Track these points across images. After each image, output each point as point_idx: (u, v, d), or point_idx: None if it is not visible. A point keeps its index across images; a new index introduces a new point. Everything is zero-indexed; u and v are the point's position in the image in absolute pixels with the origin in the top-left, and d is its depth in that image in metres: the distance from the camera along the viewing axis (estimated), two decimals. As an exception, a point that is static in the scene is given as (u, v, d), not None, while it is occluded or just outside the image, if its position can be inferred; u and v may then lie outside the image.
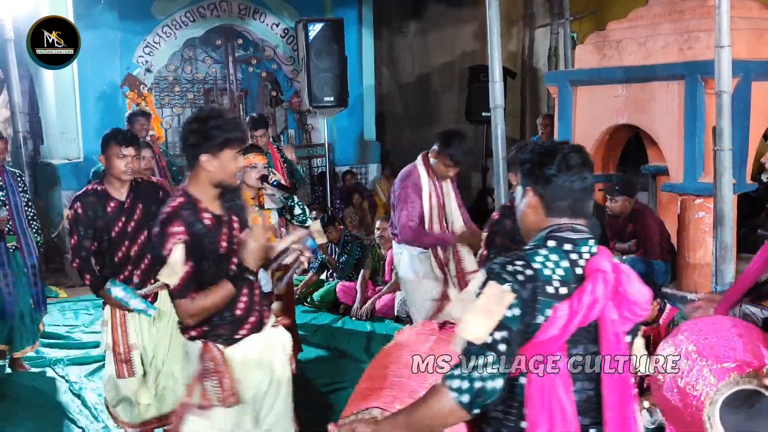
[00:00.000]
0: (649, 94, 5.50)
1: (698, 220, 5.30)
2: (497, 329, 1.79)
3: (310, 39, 8.52)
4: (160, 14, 8.85)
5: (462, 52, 10.56)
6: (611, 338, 1.86)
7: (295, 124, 10.21)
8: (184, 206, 2.73)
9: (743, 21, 5.30)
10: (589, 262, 1.88)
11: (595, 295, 1.83)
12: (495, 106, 5.65)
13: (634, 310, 1.90)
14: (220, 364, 2.78)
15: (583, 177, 1.95)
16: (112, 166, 3.69)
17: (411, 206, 4.43)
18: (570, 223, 1.95)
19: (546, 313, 1.82)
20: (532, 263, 1.85)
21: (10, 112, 8.41)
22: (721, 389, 2.38)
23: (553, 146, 1.99)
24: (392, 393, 2.27)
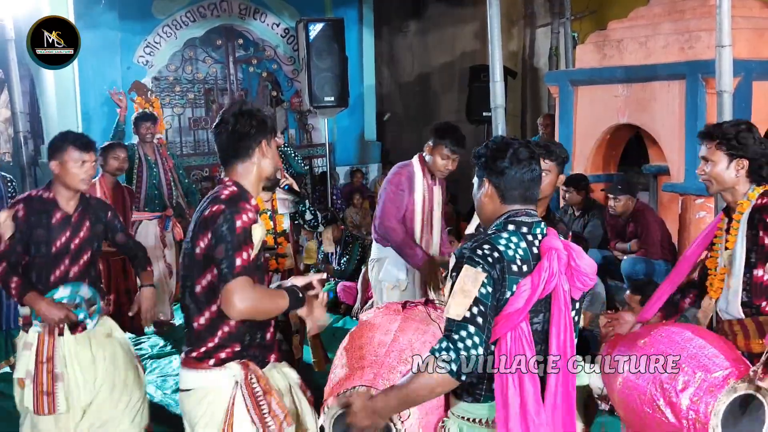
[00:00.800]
0: (650, 94, 5.50)
1: (699, 219, 5.29)
2: (474, 305, 2.05)
3: (311, 39, 8.51)
4: (161, 14, 8.85)
5: (462, 51, 10.55)
6: (562, 306, 2.12)
7: (296, 124, 10.21)
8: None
9: (744, 20, 5.30)
10: (543, 242, 2.15)
11: (552, 269, 2.09)
12: (495, 105, 5.64)
13: (584, 281, 2.17)
14: (266, 383, 2.50)
15: (532, 168, 2.21)
16: (67, 173, 3.28)
17: (400, 194, 4.17)
18: (524, 209, 2.20)
19: (512, 289, 2.08)
20: (498, 246, 2.10)
21: (10, 112, 8.39)
22: (721, 399, 2.43)
23: (505, 141, 2.25)
24: (372, 371, 2.40)
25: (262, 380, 2.50)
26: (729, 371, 2.47)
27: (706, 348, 2.55)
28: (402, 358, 2.44)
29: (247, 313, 2.36)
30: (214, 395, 2.48)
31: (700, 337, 2.63)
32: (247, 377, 2.47)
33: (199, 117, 9.71)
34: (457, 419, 2.23)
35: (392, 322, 2.66)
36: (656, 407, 2.53)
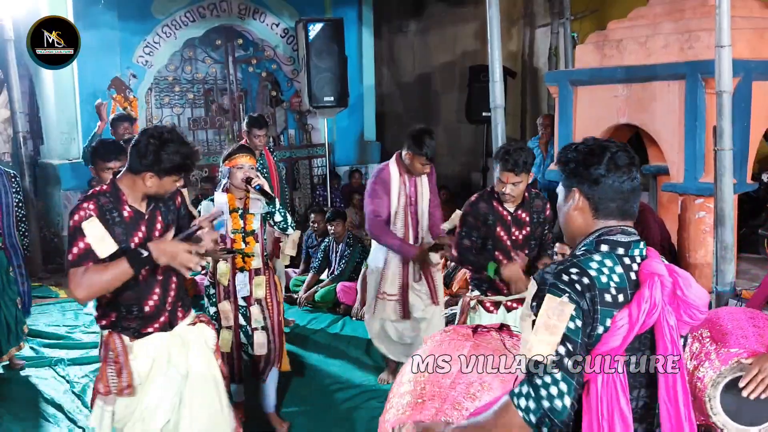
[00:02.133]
0: (650, 94, 5.49)
1: (699, 220, 5.29)
2: (561, 343, 1.70)
3: (310, 39, 8.51)
4: (160, 14, 8.85)
5: (462, 51, 10.56)
6: (668, 344, 1.78)
7: (295, 124, 10.21)
8: (104, 193, 2.89)
9: (744, 20, 5.30)
10: (642, 266, 1.82)
11: (654, 300, 1.75)
12: (495, 105, 5.64)
13: (693, 314, 1.82)
14: (119, 355, 2.91)
15: (632, 177, 1.88)
16: (102, 179, 3.79)
17: (377, 202, 4.58)
18: (619, 226, 1.88)
19: (606, 323, 1.74)
20: (588, 270, 1.76)
21: (10, 112, 8.41)
22: (724, 373, 2.39)
23: (599, 144, 1.90)
24: (435, 405, 2.16)
25: (116, 352, 2.91)
26: (744, 351, 2.41)
27: (743, 329, 2.51)
28: (469, 393, 2.16)
29: (81, 297, 2.80)
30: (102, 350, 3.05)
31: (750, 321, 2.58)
32: (107, 345, 2.94)
33: (198, 117, 9.71)
34: None
35: (458, 348, 2.37)
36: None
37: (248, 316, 4.19)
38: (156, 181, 2.86)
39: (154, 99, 9.20)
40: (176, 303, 3.08)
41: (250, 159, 4.19)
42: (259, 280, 4.21)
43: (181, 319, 3.11)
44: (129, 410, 3.00)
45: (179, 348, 3.05)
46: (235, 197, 4.17)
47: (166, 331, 3.03)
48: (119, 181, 2.93)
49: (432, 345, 2.47)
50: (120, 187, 2.91)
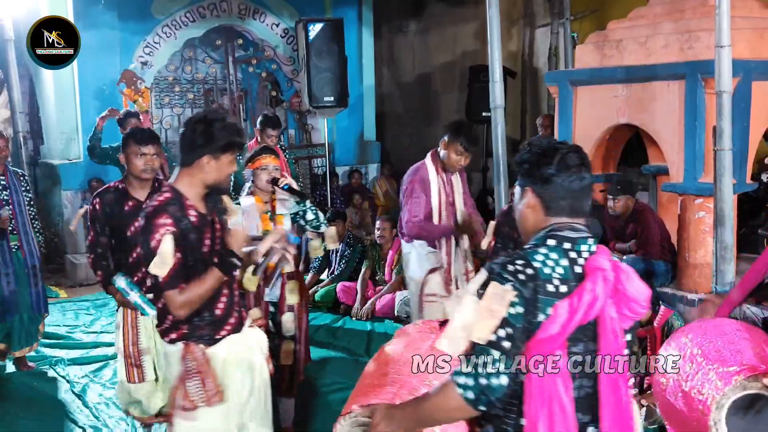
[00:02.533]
0: (650, 94, 5.49)
1: (698, 220, 5.29)
2: (501, 327, 1.82)
3: (310, 39, 8.51)
4: (160, 14, 8.85)
5: (462, 51, 10.56)
6: (610, 336, 1.88)
7: (295, 124, 10.21)
8: (170, 201, 2.74)
9: (744, 21, 5.30)
10: (588, 261, 1.90)
11: (595, 293, 1.84)
12: (495, 105, 5.65)
13: (633, 308, 1.91)
14: (202, 364, 2.80)
15: (582, 177, 1.96)
16: (131, 165, 3.70)
17: (416, 201, 4.42)
18: (569, 222, 1.96)
19: (547, 312, 1.83)
20: (533, 262, 1.87)
21: (10, 112, 8.42)
22: (727, 393, 2.36)
23: (551, 146, 1.99)
24: (393, 390, 2.27)
25: (197, 361, 2.80)
26: (743, 368, 2.38)
27: (735, 344, 2.47)
28: (425, 381, 2.27)
29: (190, 310, 2.73)
30: (170, 365, 2.93)
31: (737, 333, 2.55)
32: (184, 357, 2.81)
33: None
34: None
35: (424, 340, 2.48)
36: (674, 395, 2.51)
37: (277, 323, 4.01)
38: (214, 163, 2.76)
39: (154, 99, 9.20)
40: (240, 302, 3.02)
41: (274, 159, 4.07)
42: (292, 285, 4.04)
43: (245, 318, 3.03)
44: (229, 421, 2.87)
45: (249, 352, 2.97)
46: (261, 199, 4.05)
47: (237, 332, 2.93)
48: (177, 183, 2.80)
49: (405, 338, 2.60)
50: (180, 189, 2.78)
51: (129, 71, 8.35)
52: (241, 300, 3.03)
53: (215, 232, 2.88)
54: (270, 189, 4.02)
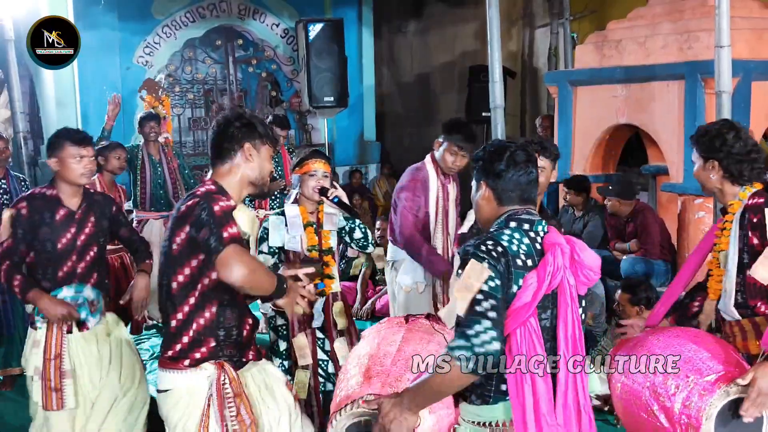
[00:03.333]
0: (649, 94, 5.50)
1: (698, 220, 5.29)
2: (485, 299, 2.04)
3: (310, 39, 8.51)
4: (160, 14, 8.86)
5: (462, 51, 10.56)
6: (568, 300, 2.13)
7: (295, 124, 10.21)
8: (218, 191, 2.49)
9: (743, 21, 5.31)
10: (545, 238, 2.18)
11: (557, 263, 2.11)
12: (495, 106, 5.65)
13: (588, 275, 2.19)
14: (237, 386, 2.50)
15: (529, 171, 2.23)
16: (68, 169, 3.30)
17: (416, 199, 4.07)
18: (523, 209, 2.22)
19: (519, 283, 2.09)
20: (501, 241, 2.12)
21: (10, 112, 8.40)
22: (714, 403, 2.39)
23: (502, 145, 2.28)
24: (380, 380, 2.37)
25: (235, 383, 2.50)
26: (721, 374, 2.42)
27: (700, 351, 2.52)
28: (408, 366, 2.41)
29: (244, 277, 2.31)
30: (190, 396, 2.50)
31: (696, 341, 2.59)
32: (219, 378, 2.48)
33: (198, 117, 9.71)
34: (468, 424, 2.21)
35: (396, 333, 2.61)
36: (651, 412, 2.51)
37: (327, 350, 3.64)
38: (256, 154, 2.55)
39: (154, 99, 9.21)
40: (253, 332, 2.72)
41: (325, 165, 3.64)
42: (339, 306, 3.73)
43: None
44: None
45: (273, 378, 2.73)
46: (306, 209, 3.64)
47: (257, 360, 2.70)
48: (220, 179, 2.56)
49: (371, 336, 2.67)
50: (223, 185, 2.54)
51: (151, 80, 8.37)
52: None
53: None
54: (317, 199, 3.62)
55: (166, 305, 2.53)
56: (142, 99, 8.10)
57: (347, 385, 2.46)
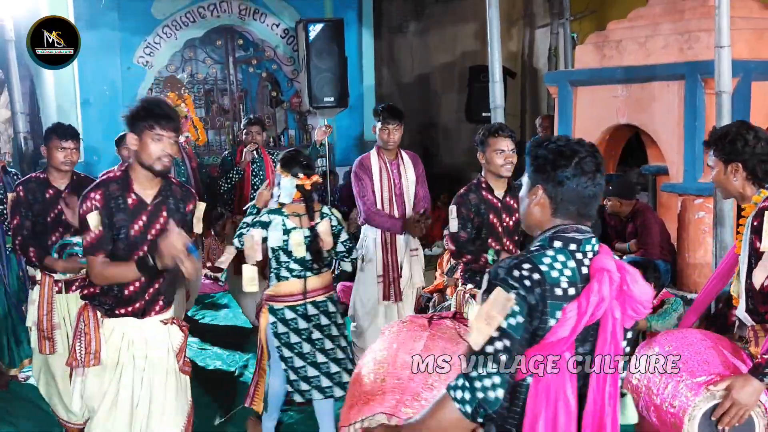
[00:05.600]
0: (649, 94, 5.50)
1: (698, 220, 5.30)
2: (499, 338, 1.79)
3: (311, 39, 8.51)
4: (161, 14, 8.86)
5: (462, 52, 10.56)
6: (608, 336, 1.87)
7: (296, 124, 10.21)
8: (115, 180, 3.06)
9: (743, 21, 5.31)
10: (593, 261, 1.88)
11: (602, 294, 1.82)
12: (495, 106, 5.65)
13: (637, 309, 1.90)
14: (91, 329, 3.09)
15: (596, 183, 1.93)
16: (53, 157, 4.03)
17: (361, 184, 4.72)
18: (573, 225, 1.94)
19: (556, 315, 1.81)
20: (540, 266, 1.84)
21: (10, 113, 8.41)
22: (698, 404, 2.35)
23: (570, 147, 1.94)
24: (395, 397, 2.22)
25: (90, 322, 3.10)
26: (711, 377, 2.37)
27: (701, 354, 2.49)
28: (427, 384, 2.23)
29: (99, 282, 3.06)
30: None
31: (703, 342, 2.55)
32: (80, 313, 3.16)
33: (199, 117, 9.70)
34: None
35: (417, 339, 2.44)
36: (645, 409, 2.51)
37: None
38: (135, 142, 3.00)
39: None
40: (158, 294, 3.15)
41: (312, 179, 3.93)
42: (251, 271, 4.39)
43: (157, 312, 3.17)
44: (99, 389, 3.11)
45: (142, 341, 3.15)
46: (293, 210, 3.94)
47: (136, 317, 3.12)
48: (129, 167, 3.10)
49: (390, 336, 2.53)
50: (130, 172, 3.08)
51: (174, 77, 8.39)
52: (163, 293, 3.16)
53: (154, 221, 3.06)
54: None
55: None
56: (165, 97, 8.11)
57: (360, 391, 2.33)
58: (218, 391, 5.06)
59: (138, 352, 3.13)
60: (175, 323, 3.25)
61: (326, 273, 4.04)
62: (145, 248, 3.01)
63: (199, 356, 5.71)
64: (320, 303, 3.96)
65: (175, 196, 3.16)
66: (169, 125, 3.00)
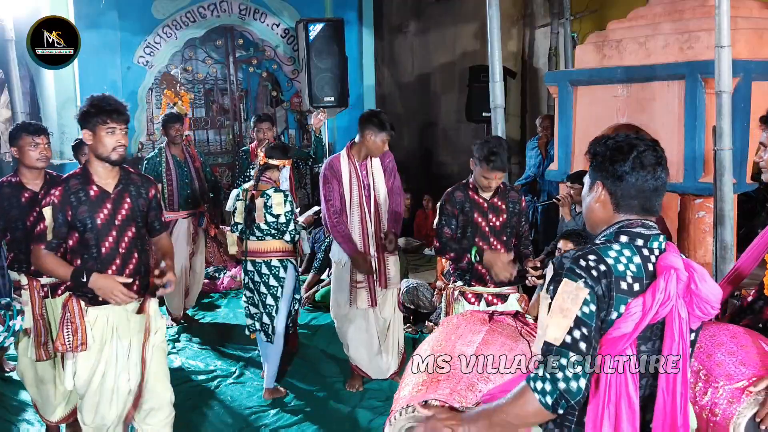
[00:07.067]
0: (650, 94, 5.50)
1: (699, 219, 5.30)
2: (576, 327, 1.78)
3: (311, 39, 8.51)
4: (161, 14, 8.86)
5: (462, 52, 10.56)
6: (676, 336, 1.84)
7: (296, 124, 10.21)
8: (75, 176, 3.31)
9: (743, 21, 5.31)
10: (660, 259, 1.86)
11: (668, 291, 1.80)
12: (495, 105, 5.65)
13: (705, 309, 1.87)
14: (76, 318, 3.28)
15: (657, 177, 1.91)
16: (26, 156, 3.94)
17: (327, 188, 4.67)
18: (640, 219, 1.92)
19: (620, 309, 1.80)
20: (606, 258, 1.82)
21: (10, 112, 8.41)
22: (742, 412, 2.28)
23: (627, 141, 1.93)
24: (449, 385, 2.18)
25: (74, 313, 3.28)
26: (751, 382, 2.29)
27: (734, 354, 2.38)
28: (483, 376, 2.19)
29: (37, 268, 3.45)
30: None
31: (734, 341, 2.45)
32: (65, 308, 3.31)
33: (199, 117, 9.72)
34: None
35: (476, 333, 2.40)
36: None
37: None
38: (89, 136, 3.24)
39: (155, 99, 9.21)
40: (133, 278, 3.37)
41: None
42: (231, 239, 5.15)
43: (135, 293, 3.37)
44: (88, 370, 3.33)
45: (125, 323, 3.39)
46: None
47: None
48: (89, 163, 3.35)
49: (449, 327, 2.50)
50: (89, 167, 3.33)
51: (169, 74, 8.38)
52: (136, 276, 3.38)
53: (118, 208, 3.31)
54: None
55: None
56: (162, 95, 8.12)
57: (413, 381, 2.29)
58: (218, 390, 5.06)
59: (122, 333, 3.38)
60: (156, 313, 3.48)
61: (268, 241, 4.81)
62: (114, 234, 3.30)
63: (199, 356, 5.71)
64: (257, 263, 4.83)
65: (135, 183, 3.43)
66: (120, 118, 3.30)
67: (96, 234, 3.29)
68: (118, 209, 3.34)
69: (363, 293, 4.76)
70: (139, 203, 3.42)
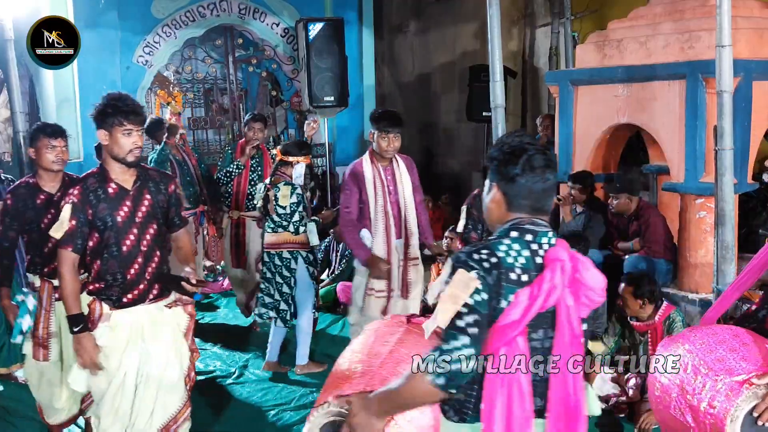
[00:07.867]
0: (650, 94, 5.49)
1: (699, 219, 5.29)
2: (468, 313, 1.92)
3: (311, 39, 8.51)
4: (160, 14, 8.86)
5: (462, 51, 10.54)
6: (565, 323, 1.99)
7: (296, 123, 10.20)
8: (92, 175, 3.23)
9: (744, 20, 5.30)
10: (548, 252, 2.01)
11: (554, 282, 1.95)
12: (496, 105, 5.64)
13: (590, 296, 2.03)
14: (99, 318, 3.21)
15: (545, 179, 2.06)
16: (42, 158, 3.84)
17: (347, 194, 4.61)
18: (530, 217, 2.07)
19: (509, 298, 1.95)
20: (496, 252, 1.98)
21: (10, 112, 8.39)
22: (740, 405, 2.32)
23: (520, 146, 2.07)
24: (363, 381, 2.34)
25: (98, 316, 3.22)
26: (751, 376, 2.34)
27: (736, 351, 2.44)
28: (396, 371, 2.33)
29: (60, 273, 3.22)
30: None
31: (735, 339, 2.50)
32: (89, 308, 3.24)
33: (198, 117, 9.72)
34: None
35: (393, 333, 2.56)
36: (678, 410, 2.46)
37: None
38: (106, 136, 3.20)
39: (154, 99, 9.21)
40: (155, 277, 3.30)
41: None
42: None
43: (156, 294, 3.32)
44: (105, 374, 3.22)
45: (149, 326, 3.29)
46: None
47: (142, 301, 3.27)
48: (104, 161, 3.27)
49: (369, 332, 2.69)
50: (105, 166, 3.27)
51: (162, 75, 8.39)
52: (159, 276, 3.31)
53: (138, 206, 3.23)
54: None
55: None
56: (155, 94, 8.11)
57: (333, 378, 2.48)
58: (218, 391, 5.05)
59: (147, 336, 3.28)
60: (179, 304, 3.38)
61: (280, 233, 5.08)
62: (135, 232, 3.22)
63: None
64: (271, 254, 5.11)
65: (154, 179, 3.35)
66: (137, 119, 3.21)
67: (116, 232, 3.19)
68: (138, 207, 3.25)
69: (379, 302, 4.64)
70: (159, 199, 3.32)
